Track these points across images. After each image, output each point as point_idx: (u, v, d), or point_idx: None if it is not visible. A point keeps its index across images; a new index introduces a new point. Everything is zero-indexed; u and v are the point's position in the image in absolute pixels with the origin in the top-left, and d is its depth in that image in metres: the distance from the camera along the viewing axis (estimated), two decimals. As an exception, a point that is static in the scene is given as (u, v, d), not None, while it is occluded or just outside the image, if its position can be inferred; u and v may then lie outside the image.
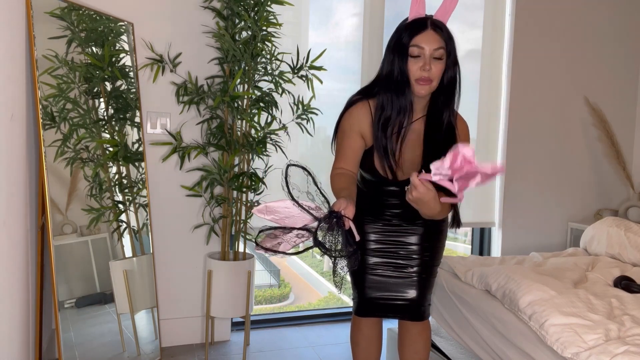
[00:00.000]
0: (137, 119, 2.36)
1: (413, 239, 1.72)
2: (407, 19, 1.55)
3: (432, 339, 2.51)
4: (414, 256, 1.71)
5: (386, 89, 1.57)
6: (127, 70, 2.33)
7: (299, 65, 2.49)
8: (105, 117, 2.23)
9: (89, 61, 2.13)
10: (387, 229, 1.72)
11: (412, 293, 1.71)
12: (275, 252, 1.28)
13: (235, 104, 2.34)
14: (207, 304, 2.43)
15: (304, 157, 2.83)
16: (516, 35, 3.12)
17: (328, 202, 1.32)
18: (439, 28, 1.50)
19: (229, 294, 2.40)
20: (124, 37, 2.35)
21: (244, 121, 2.42)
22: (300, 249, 1.33)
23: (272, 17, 2.39)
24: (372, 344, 1.85)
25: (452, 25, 1.55)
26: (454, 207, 1.59)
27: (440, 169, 1.17)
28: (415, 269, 1.71)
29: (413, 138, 1.62)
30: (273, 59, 2.42)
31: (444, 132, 1.59)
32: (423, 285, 1.73)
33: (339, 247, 1.28)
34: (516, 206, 3.21)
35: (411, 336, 1.81)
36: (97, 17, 2.23)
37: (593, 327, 1.65)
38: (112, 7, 2.34)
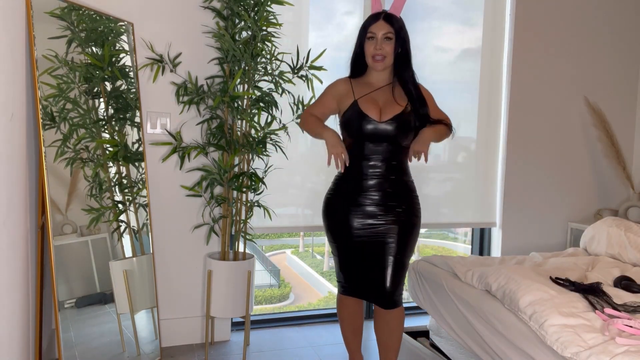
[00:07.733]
0: (137, 119, 2.36)
1: (392, 226, 1.98)
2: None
3: (432, 339, 2.51)
4: (391, 233, 1.96)
5: (353, 66, 2.07)
6: (127, 70, 2.33)
7: (299, 65, 2.49)
8: (105, 117, 2.23)
9: (89, 61, 2.13)
10: (367, 220, 1.98)
11: (386, 284, 1.94)
12: None
13: (235, 104, 2.34)
14: (207, 304, 2.43)
15: (304, 157, 2.84)
16: (516, 35, 3.12)
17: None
18: (389, 18, 1.97)
19: (229, 294, 2.40)
20: (124, 37, 2.35)
21: (244, 121, 2.42)
22: None
23: (272, 17, 2.39)
24: (356, 317, 2.20)
25: (450, 26, 1.56)
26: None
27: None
28: (392, 245, 1.95)
29: (385, 97, 2.01)
30: (273, 59, 2.42)
31: (414, 89, 2.02)
32: (396, 274, 1.95)
33: None
34: (516, 206, 3.21)
35: (385, 320, 2.04)
36: (97, 17, 2.23)
37: (593, 326, 1.65)
38: (112, 7, 2.34)
